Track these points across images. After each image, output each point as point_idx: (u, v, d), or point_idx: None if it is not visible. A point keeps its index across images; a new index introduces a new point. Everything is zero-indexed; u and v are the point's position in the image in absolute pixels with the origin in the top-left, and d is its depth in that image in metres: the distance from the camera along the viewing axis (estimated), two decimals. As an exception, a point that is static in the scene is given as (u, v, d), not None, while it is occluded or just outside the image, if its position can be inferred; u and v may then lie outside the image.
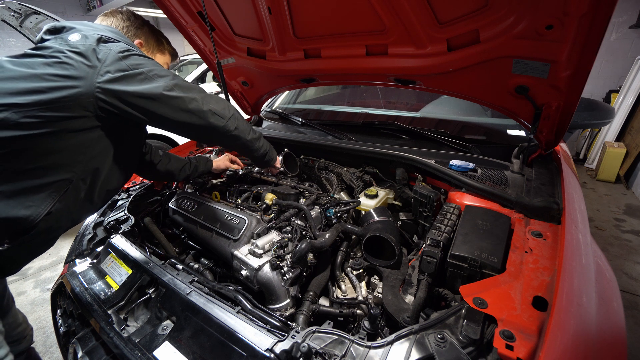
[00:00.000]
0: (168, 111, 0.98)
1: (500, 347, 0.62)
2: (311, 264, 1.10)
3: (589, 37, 0.93)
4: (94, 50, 0.92)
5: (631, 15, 4.61)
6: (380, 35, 1.34)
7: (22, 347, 1.37)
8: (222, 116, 1.08)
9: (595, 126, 4.26)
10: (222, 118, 1.08)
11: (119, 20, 1.18)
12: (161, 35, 1.31)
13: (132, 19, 1.21)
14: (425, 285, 0.91)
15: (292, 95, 2.69)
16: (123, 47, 0.97)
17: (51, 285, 1.47)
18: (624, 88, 4.52)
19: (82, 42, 0.94)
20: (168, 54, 1.33)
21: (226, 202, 1.46)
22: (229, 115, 1.10)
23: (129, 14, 1.22)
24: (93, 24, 1.09)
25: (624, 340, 0.79)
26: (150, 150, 1.43)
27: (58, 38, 0.97)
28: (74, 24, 1.03)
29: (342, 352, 0.72)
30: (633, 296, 2.43)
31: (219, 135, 1.11)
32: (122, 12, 1.21)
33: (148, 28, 1.26)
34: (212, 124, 1.06)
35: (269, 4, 1.41)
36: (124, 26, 1.19)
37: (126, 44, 1.01)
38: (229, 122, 1.09)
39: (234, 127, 1.11)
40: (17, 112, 0.84)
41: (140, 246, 1.24)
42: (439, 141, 1.58)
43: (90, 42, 0.94)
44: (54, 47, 0.93)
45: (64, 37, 0.96)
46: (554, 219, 1.00)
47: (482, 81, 1.29)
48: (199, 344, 0.83)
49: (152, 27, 1.28)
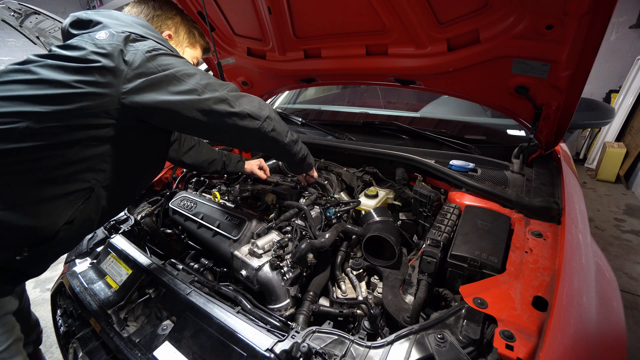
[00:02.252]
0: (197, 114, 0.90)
1: (500, 347, 0.62)
2: (311, 264, 1.10)
3: (589, 37, 0.93)
4: (121, 52, 0.85)
5: (631, 15, 4.61)
6: (380, 35, 1.34)
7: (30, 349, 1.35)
8: (257, 117, 0.96)
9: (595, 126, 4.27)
10: (257, 120, 0.97)
11: (149, 8, 1.11)
12: (194, 26, 1.23)
13: (164, 8, 1.13)
14: (425, 285, 0.91)
15: (292, 95, 2.69)
16: (151, 46, 0.89)
17: (51, 285, 1.47)
18: (624, 88, 4.52)
19: (108, 42, 0.86)
20: (199, 47, 1.24)
21: (226, 202, 1.46)
22: (264, 116, 0.98)
23: (162, 2, 1.14)
24: (121, 15, 1.01)
25: (624, 340, 0.79)
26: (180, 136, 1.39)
27: (85, 35, 0.90)
28: (101, 17, 0.96)
29: (342, 352, 0.72)
30: (633, 296, 2.43)
31: (252, 139, 1.01)
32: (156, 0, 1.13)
33: (180, 18, 1.18)
34: (245, 127, 0.95)
35: (269, 4, 1.41)
36: (154, 15, 1.11)
37: (155, 40, 0.94)
38: (264, 123, 0.98)
39: (270, 128, 1.00)
40: (39, 120, 0.79)
41: (140, 246, 1.24)
42: (439, 141, 1.58)
43: (117, 42, 0.86)
44: (80, 46, 0.86)
45: (91, 35, 0.89)
46: (554, 219, 1.00)
47: (482, 81, 1.29)
48: (199, 344, 0.83)
49: (185, 17, 1.20)
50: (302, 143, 1.21)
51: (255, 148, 1.54)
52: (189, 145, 1.45)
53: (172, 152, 1.42)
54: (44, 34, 2.21)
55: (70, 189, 0.86)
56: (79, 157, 0.85)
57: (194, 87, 0.89)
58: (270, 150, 1.17)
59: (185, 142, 1.45)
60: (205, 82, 0.91)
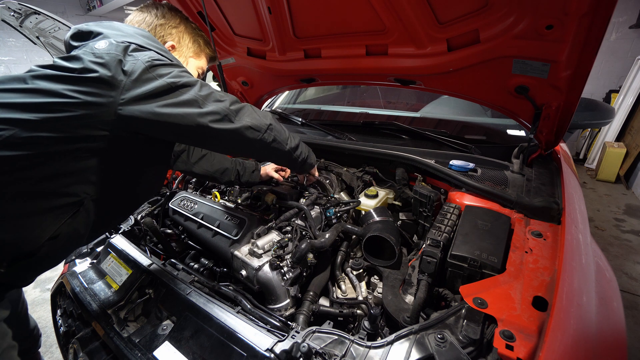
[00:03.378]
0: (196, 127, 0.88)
1: (500, 347, 0.62)
2: (311, 264, 1.10)
3: (589, 37, 0.93)
4: (119, 62, 0.82)
5: (631, 15, 4.61)
6: (380, 35, 1.34)
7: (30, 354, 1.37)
8: (258, 129, 0.96)
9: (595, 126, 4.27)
10: (258, 131, 0.96)
11: (152, 17, 1.09)
12: (199, 35, 1.20)
13: (167, 16, 1.11)
14: (425, 285, 0.91)
15: (292, 95, 2.69)
16: (151, 56, 0.87)
17: (51, 285, 1.47)
18: (624, 88, 4.52)
19: (107, 51, 0.83)
20: (205, 56, 1.21)
21: (226, 202, 1.46)
22: (265, 127, 0.98)
23: (165, 10, 1.11)
24: (123, 26, 0.99)
25: (624, 340, 0.79)
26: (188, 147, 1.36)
27: (85, 46, 0.89)
28: (102, 29, 0.94)
29: (342, 352, 0.72)
30: (633, 296, 2.43)
31: (253, 149, 1.01)
32: (158, 7, 1.10)
33: (185, 26, 1.15)
34: (246, 138, 0.95)
35: (269, 4, 1.41)
36: (158, 24, 1.09)
37: (156, 51, 0.92)
38: (265, 134, 0.98)
39: (271, 139, 1.00)
40: (27, 128, 0.75)
41: (140, 246, 1.24)
42: (439, 141, 1.58)
43: (116, 52, 0.84)
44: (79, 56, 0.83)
45: (90, 45, 0.87)
46: (554, 219, 1.00)
47: (482, 81, 1.29)
48: (199, 344, 0.83)
49: (190, 25, 1.17)
50: (304, 144, 1.20)
51: (255, 157, 1.51)
52: (198, 155, 1.40)
53: (181, 163, 1.38)
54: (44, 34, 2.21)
55: (58, 202, 0.82)
56: (68, 170, 0.82)
57: (194, 98, 0.87)
58: (270, 158, 1.17)
59: (195, 152, 1.40)
60: (205, 94, 0.89)
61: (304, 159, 1.19)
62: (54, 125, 0.77)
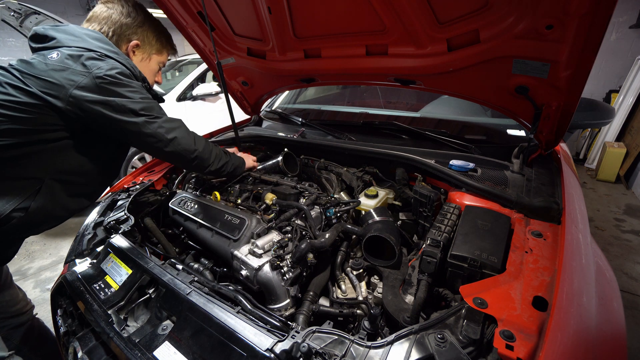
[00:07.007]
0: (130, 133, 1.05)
1: (500, 347, 0.62)
2: (311, 264, 1.10)
3: (589, 37, 0.93)
4: (72, 72, 0.97)
5: (631, 15, 4.61)
6: (380, 35, 1.34)
7: (23, 319, 1.44)
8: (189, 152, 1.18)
9: (595, 126, 4.27)
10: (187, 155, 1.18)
11: (118, 14, 1.14)
12: (162, 33, 1.26)
13: (132, 15, 1.16)
14: (425, 285, 0.91)
15: (292, 95, 2.69)
16: (103, 68, 0.99)
17: (51, 285, 1.47)
18: (624, 88, 4.52)
19: (59, 62, 0.98)
20: (166, 52, 1.31)
21: (226, 202, 1.46)
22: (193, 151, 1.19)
23: (130, 9, 1.16)
24: (77, 30, 1.08)
25: (624, 340, 0.79)
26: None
27: (40, 55, 1.01)
28: (57, 33, 1.04)
29: (342, 352, 0.72)
30: (633, 296, 2.43)
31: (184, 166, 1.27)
32: (124, 5, 1.15)
33: (149, 25, 1.21)
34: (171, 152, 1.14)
35: (269, 4, 1.41)
36: (123, 23, 1.14)
37: (114, 61, 1.04)
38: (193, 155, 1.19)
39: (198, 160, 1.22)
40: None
41: (140, 246, 1.24)
42: (439, 141, 1.58)
43: (68, 63, 0.98)
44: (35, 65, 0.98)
45: (45, 54, 1.01)
46: (554, 219, 1.00)
47: (482, 81, 1.29)
48: (199, 344, 0.83)
49: (154, 24, 1.23)
50: (233, 156, 1.41)
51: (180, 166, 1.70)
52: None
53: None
54: (44, 34, 2.21)
55: (17, 176, 0.98)
56: (25, 153, 0.97)
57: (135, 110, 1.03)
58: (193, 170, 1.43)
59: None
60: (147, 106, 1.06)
61: (229, 171, 1.39)
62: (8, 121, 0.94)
